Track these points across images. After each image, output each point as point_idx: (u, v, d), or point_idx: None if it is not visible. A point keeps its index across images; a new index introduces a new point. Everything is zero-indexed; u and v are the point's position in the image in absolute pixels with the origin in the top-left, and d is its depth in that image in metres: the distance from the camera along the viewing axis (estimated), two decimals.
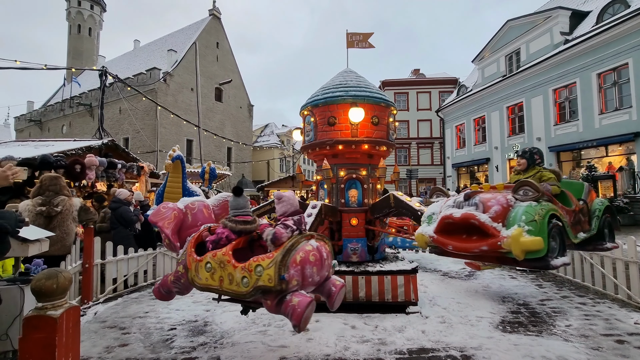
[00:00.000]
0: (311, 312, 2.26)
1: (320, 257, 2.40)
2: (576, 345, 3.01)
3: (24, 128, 39.23)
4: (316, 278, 2.38)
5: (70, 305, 1.98)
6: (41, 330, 1.80)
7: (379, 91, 4.81)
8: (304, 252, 2.33)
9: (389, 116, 4.75)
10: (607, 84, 14.29)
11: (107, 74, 8.56)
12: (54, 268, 2.03)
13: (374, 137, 4.54)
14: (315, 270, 2.35)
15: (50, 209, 3.95)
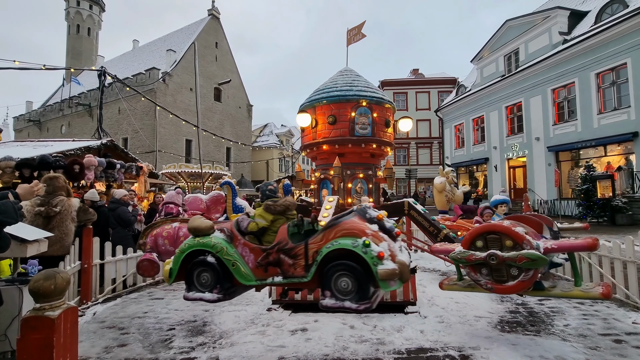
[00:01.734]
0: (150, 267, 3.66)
1: (173, 234, 3.65)
2: (574, 345, 3.02)
3: (22, 128, 39.19)
4: (169, 248, 3.60)
5: (68, 306, 1.98)
6: (39, 331, 1.80)
7: (381, 91, 4.85)
8: (161, 229, 3.74)
9: (393, 117, 4.81)
10: (605, 83, 14.32)
11: (106, 74, 8.57)
12: (52, 269, 2.03)
13: (385, 139, 4.61)
14: (167, 242, 3.66)
15: (49, 209, 3.95)
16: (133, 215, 5.71)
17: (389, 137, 4.73)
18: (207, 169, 13.22)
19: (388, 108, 4.70)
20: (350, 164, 4.69)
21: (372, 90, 4.71)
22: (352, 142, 4.58)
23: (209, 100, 31.93)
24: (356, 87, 4.67)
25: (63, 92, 33.95)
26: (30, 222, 3.84)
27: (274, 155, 38.37)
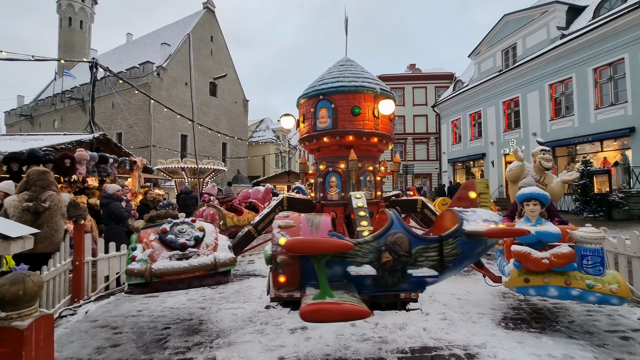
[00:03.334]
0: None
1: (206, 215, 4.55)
2: (581, 342, 2.95)
3: (14, 123, 38.52)
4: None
5: (41, 314, 1.78)
6: (6, 344, 1.57)
7: (380, 81, 4.73)
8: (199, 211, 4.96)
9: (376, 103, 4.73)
10: (603, 79, 14.31)
11: (98, 66, 8.33)
12: (21, 272, 1.86)
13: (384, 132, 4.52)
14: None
15: (38, 204, 3.79)
16: (126, 210, 5.56)
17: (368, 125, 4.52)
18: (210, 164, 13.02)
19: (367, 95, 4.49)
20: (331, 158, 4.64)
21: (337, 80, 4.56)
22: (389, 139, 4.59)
23: (204, 95, 31.56)
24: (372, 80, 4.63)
25: (55, 86, 33.36)
26: (18, 218, 3.69)
27: (271, 150, 38.13)
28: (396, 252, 2.58)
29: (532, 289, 3.05)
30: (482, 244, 2.86)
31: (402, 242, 2.59)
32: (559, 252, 2.93)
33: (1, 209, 3.76)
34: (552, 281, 2.96)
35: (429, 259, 2.61)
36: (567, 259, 2.92)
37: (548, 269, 2.94)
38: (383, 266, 2.57)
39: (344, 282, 2.62)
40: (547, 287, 2.98)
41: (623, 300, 2.80)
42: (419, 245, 2.67)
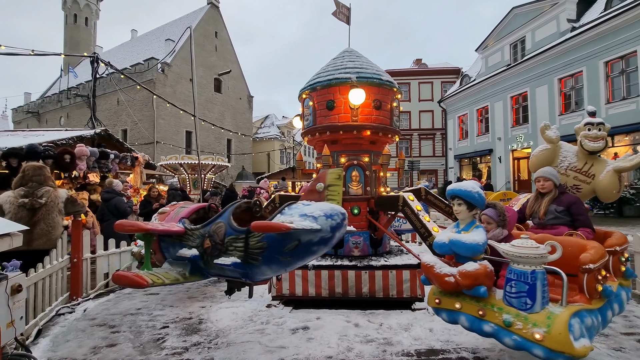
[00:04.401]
0: None
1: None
2: (596, 345, 2.79)
3: (21, 120, 38.87)
4: None
5: None
6: None
7: (382, 72, 4.54)
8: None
9: (393, 100, 4.48)
10: (614, 72, 13.92)
11: (99, 61, 8.25)
12: None
13: (376, 123, 4.30)
14: None
15: (34, 200, 3.71)
16: (129, 206, 5.48)
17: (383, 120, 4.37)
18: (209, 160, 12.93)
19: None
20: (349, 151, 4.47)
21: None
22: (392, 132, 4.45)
23: (209, 91, 31.49)
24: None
25: (61, 83, 33.54)
26: (13, 215, 3.61)
27: (275, 146, 38.04)
28: (214, 240, 2.74)
29: (444, 313, 2.42)
30: (291, 240, 2.31)
31: (220, 231, 2.72)
32: (463, 271, 2.19)
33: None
34: (465, 308, 2.27)
35: (237, 249, 2.60)
36: (472, 279, 2.14)
37: (456, 289, 2.25)
38: (205, 251, 2.77)
39: (184, 262, 2.88)
40: (458, 313, 2.32)
41: (554, 353, 1.88)
42: (231, 235, 2.66)
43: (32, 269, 3.42)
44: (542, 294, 2.00)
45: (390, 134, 4.49)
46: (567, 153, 3.37)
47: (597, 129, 3.23)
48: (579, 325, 1.96)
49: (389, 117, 4.42)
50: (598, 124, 3.25)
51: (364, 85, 4.19)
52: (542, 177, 3.00)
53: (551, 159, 3.35)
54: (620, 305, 2.45)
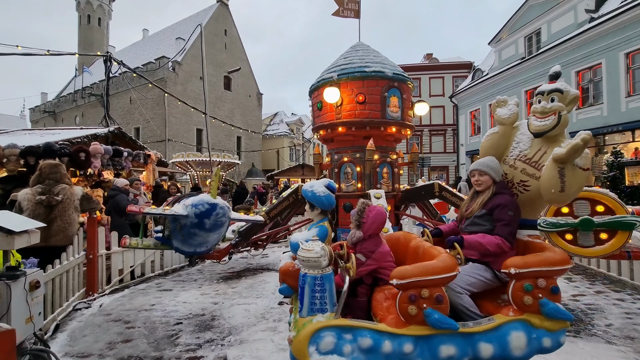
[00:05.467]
0: None
1: None
2: (622, 348, 2.69)
3: (38, 119, 39.84)
4: None
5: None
6: None
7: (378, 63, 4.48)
8: None
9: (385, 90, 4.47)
10: (635, 64, 13.42)
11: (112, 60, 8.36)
12: None
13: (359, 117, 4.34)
14: None
15: (51, 197, 3.77)
16: (130, 203, 5.47)
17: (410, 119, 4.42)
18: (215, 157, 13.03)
19: (410, 88, 4.40)
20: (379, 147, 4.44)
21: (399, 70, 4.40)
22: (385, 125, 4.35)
23: (219, 89, 31.67)
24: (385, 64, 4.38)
25: (76, 82, 34.23)
26: (31, 212, 3.68)
27: (285, 143, 38.07)
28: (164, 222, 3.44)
29: None
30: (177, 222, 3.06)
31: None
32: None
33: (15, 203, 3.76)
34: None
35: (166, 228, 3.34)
36: (280, 275, 2.20)
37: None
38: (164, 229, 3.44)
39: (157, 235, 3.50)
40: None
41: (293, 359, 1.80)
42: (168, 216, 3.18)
43: (50, 265, 3.48)
44: (312, 299, 1.85)
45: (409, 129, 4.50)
46: (522, 137, 2.39)
47: (549, 99, 2.20)
48: (335, 340, 1.74)
49: (378, 109, 4.29)
50: (550, 91, 2.20)
51: (347, 81, 4.21)
52: (477, 170, 2.28)
53: (502, 146, 2.44)
54: (501, 349, 1.78)
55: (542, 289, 1.82)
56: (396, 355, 1.73)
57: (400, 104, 4.37)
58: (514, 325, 1.80)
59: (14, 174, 5.19)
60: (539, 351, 1.83)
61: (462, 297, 1.97)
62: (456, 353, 1.75)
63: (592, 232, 2.60)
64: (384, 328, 1.78)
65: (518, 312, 1.83)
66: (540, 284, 1.83)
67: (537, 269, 1.82)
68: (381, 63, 4.38)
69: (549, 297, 1.82)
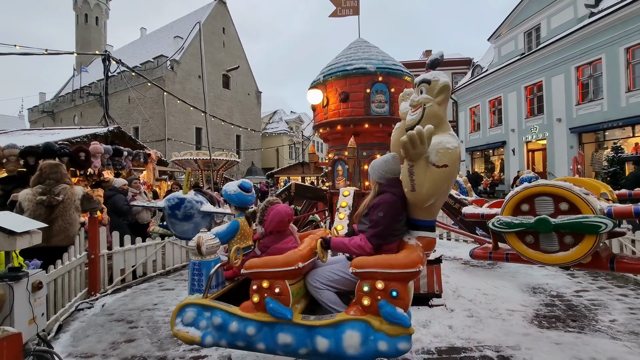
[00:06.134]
0: None
1: None
2: (627, 344, 2.69)
3: (37, 119, 39.72)
4: None
5: (5, 334, 1.56)
6: None
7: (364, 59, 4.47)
8: None
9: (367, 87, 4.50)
10: (636, 59, 13.38)
11: (111, 59, 8.31)
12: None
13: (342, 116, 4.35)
14: None
15: (52, 198, 3.75)
16: (127, 204, 5.43)
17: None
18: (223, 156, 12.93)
19: (408, 82, 4.34)
20: (367, 144, 4.42)
21: (390, 62, 4.34)
22: (368, 122, 4.29)
23: (217, 88, 31.58)
24: (371, 60, 4.32)
25: (74, 82, 34.08)
26: (32, 212, 3.66)
27: (284, 142, 38.03)
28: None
29: None
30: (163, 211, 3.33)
31: None
32: None
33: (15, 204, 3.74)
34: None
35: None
36: None
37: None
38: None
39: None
40: None
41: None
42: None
43: (52, 265, 3.47)
44: (192, 281, 2.24)
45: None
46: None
47: (419, 91, 2.14)
48: (195, 315, 2.11)
49: (361, 106, 4.31)
50: (419, 83, 2.15)
51: (332, 81, 4.31)
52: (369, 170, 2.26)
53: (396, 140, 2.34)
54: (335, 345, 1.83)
55: (380, 291, 1.78)
56: (241, 335, 1.98)
57: (388, 99, 4.32)
58: (352, 324, 1.81)
59: (13, 174, 5.16)
60: (376, 354, 1.79)
61: (321, 292, 2.07)
62: (293, 342, 1.89)
63: (557, 235, 2.16)
64: (235, 311, 2.03)
65: (361, 312, 1.83)
66: (379, 286, 1.78)
67: (374, 270, 1.80)
68: (367, 59, 4.38)
69: (389, 300, 1.77)
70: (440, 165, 1.83)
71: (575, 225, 2.04)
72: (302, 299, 2.12)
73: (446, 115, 2.11)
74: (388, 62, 4.36)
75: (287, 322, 1.90)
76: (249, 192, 2.78)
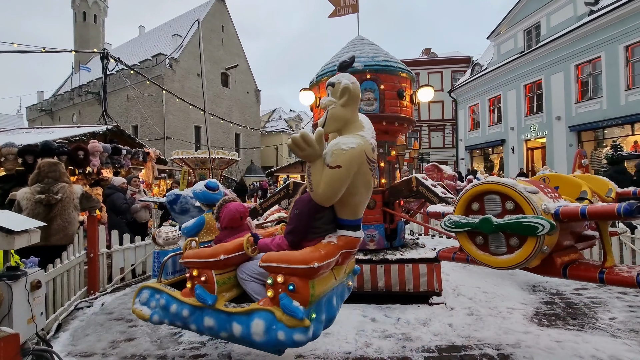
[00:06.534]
0: None
1: None
2: (627, 342, 2.69)
3: (35, 118, 39.59)
4: None
5: (2, 335, 1.56)
6: None
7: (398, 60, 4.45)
8: None
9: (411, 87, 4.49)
10: (635, 57, 13.37)
11: (109, 57, 8.27)
12: None
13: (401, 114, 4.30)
14: None
15: (50, 196, 3.74)
16: (126, 202, 5.42)
17: (406, 111, 4.34)
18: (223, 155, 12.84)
19: (403, 77, 4.31)
20: None
21: (381, 59, 4.32)
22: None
23: (216, 86, 31.49)
24: (361, 57, 4.33)
25: (72, 80, 33.93)
26: (30, 211, 3.64)
27: (283, 140, 37.96)
28: None
29: None
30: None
31: None
32: None
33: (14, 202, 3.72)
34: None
35: None
36: None
37: None
38: None
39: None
40: None
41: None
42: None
43: (51, 264, 3.46)
44: (154, 268, 2.75)
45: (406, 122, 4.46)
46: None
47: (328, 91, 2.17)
48: (148, 297, 2.52)
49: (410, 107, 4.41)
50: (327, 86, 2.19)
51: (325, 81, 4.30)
52: None
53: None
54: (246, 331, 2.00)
55: (281, 284, 1.92)
56: (179, 316, 2.29)
57: (377, 96, 4.30)
58: (260, 313, 1.99)
59: (12, 173, 5.15)
60: (277, 342, 1.93)
61: (247, 284, 2.27)
62: (215, 325, 2.16)
63: (504, 237, 2.09)
64: (176, 295, 2.34)
65: (269, 303, 1.99)
66: (279, 280, 1.92)
67: (275, 265, 1.93)
68: (357, 57, 4.40)
69: (288, 293, 1.90)
70: (333, 166, 1.88)
71: (514, 226, 1.98)
72: (233, 288, 2.35)
73: (354, 115, 2.13)
74: (378, 59, 4.33)
75: (211, 307, 2.16)
76: (214, 190, 3.06)
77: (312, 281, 1.91)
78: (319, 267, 1.86)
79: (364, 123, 2.14)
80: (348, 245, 2.11)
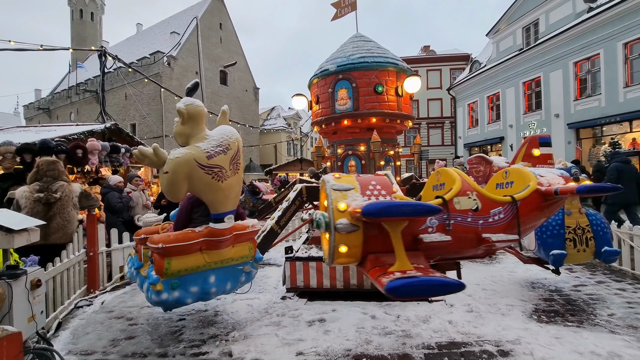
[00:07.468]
0: None
1: None
2: (625, 338, 2.71)
3: (33, 116, 39.38)
4: None
5: (5, 333, 1.53)
6: None
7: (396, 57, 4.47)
8: None
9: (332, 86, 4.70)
10: (634, 54, 13.37)
11: (107, 54, 8.22)
12: None
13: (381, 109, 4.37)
14: None
15: (49, 195, 3.72)
16: (121, 202, 5.39)
17: (389, 106, 4.34)
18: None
19: (388, 72, 4.32)
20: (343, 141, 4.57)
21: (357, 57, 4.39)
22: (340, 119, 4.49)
23: (215, 84, 31.38)
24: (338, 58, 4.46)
25: (70, 79, 33.74)
26: (29, 209, 3.63)
27: (282, 138, 37.92)
28: None
29: None
30: None
31: None
32: None
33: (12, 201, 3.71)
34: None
35: None
36: None
37: None
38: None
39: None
40: None
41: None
42: None
43: (50, 263, 3.45)
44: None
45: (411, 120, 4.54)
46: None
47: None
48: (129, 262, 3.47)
49: (328, 106, 4.49)
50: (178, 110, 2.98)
51: (312, 84, 4.70)
52: None
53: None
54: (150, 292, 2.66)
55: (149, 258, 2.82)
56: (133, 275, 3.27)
57: (351, 95, 4.31)
58: (142, 277, 2.97)
59: (10, 171, 5.11)
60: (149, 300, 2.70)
61: None
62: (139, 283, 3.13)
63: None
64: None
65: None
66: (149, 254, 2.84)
67: (148, 243, 2.67)
68: (335, 58, 4.47)
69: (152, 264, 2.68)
70: (164, 171, 2.47)
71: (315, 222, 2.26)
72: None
73: (195, 130, 2.74)
74: (354, 57, 4.35)
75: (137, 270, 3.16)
76: None
77: (168, 258, 2.53)
78: (164, 247, 2.49)
79: (212, 135, 2.71)
80: (211, 234, 2.65)
